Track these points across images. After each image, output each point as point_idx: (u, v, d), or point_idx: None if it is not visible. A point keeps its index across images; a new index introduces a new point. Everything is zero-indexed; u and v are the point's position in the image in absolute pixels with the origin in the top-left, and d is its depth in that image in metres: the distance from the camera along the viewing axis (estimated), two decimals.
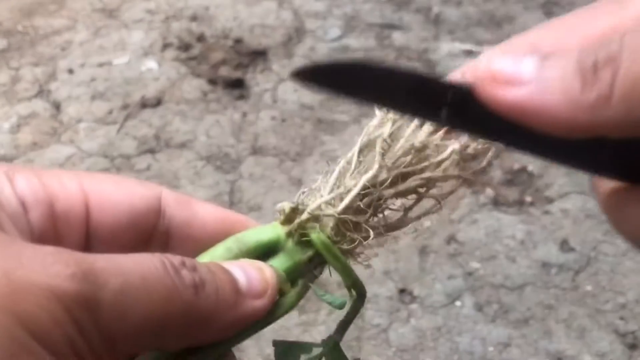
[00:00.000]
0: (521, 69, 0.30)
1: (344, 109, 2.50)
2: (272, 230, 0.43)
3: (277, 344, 0.43)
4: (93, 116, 2.47)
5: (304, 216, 0.41)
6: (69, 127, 2.44)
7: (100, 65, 2.69)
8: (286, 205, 0.42)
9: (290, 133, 2.40)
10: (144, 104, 2.51)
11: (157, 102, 2.51)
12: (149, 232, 0.40)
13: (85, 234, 0.37)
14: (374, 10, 2.92)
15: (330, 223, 0.41)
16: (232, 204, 2.16)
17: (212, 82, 2.59)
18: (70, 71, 2.65)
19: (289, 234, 0.43)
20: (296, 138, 2.39)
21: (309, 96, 2.55)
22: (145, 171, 2.27)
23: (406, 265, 1.97)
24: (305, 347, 0.43)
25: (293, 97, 2.54)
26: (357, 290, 0.45)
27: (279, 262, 0.42)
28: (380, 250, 1.80)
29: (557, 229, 2.07)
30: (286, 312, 0.43)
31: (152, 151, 2.34)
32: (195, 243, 0.41)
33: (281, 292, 0.43)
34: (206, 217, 0.42)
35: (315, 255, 0.43)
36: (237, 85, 2.57)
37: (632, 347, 1.77)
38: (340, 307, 0.44)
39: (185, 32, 2.82)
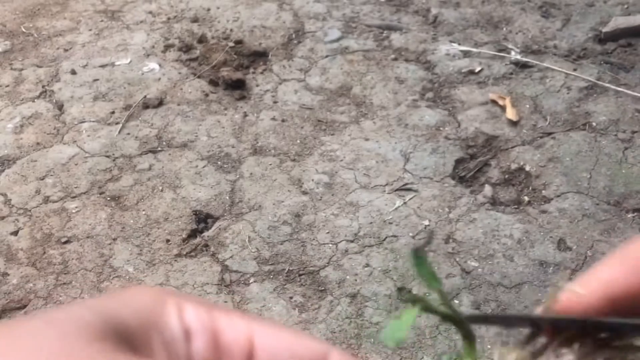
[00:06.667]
0: None
1: (343, 109, 2.52)
2: None
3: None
4: (95, 116, 2.49)
5: None
6: (72, 127, 2.46)
7: (103, 66, 2.71)
8: None
9: (290, 133, 2.43)
10: (146, 105, 2.53)
11: (159, 103, 2.53)
12: None
13: None
14: (373, 11, 2.94)
15: None
16: (232, 204, 2.18)
17: (213, 82, 2.61)
18: (73, 72, 2.67)
19: None
20: (296, 138, 2.41)
21: (309, 97, 2.57)
22: (147, 171, 2.29)
23: (405, 264, 1.99)
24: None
25: (293, 98, 2.56)
26: None
27: None
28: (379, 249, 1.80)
29: (554, 228, 2.09)
30: None
31: (153, 151, 2.36)
32: None
33: None
34: None
35: None
36: (237, 86, 2.59)
37: None
38: None
39: (186, 33, 2.84)
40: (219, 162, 2.32)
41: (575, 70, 2.62)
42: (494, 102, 2.51)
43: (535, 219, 2.12)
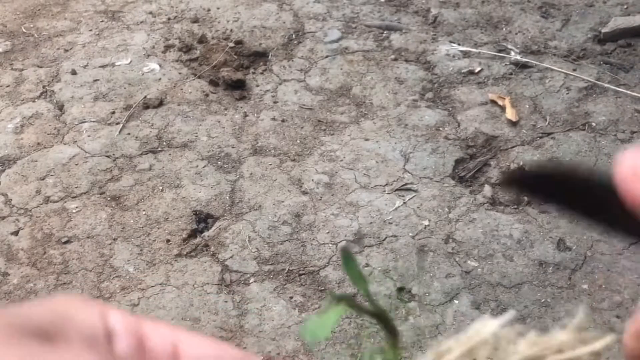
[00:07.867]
0: None
1: (343, 109, 2.52)
2: None
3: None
4: (96, 117, 2.50)
5: None
6: (72, 127, 2.47)
7: (103, 66, 2.72)
8: None
9: (290, 133, 2.43)
10: (146, 105, 2.53)
11: (159, 103, 2.54)
12: None
13: None
14: (373, 12, 2.95)
15: None
16: (232, 204, 2.19)
17: (214, 83, 2.61)
18: (74, 72, 2.68)
19: None
20: (296, 138, 2.41)
21: (309, 97, 2.57)
22: (148, 171, 2.30)
23: (405, 264, 2.00)
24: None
25: (293, 98, 2.56)
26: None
27: None
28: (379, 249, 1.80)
29: (553, 228, 2.10)
30: None
31: (154, 151, 2.37)
32: None
33: None
34: None
35: None
36: (238, 86, 2.59)
37: None
38: None
39: (186, 33, 2.84)
40: (219, 162, 2.32)
41: (574, 70, 2.62)
42: (493, 102, 2.51)
43: (535, 219, 2.12)
